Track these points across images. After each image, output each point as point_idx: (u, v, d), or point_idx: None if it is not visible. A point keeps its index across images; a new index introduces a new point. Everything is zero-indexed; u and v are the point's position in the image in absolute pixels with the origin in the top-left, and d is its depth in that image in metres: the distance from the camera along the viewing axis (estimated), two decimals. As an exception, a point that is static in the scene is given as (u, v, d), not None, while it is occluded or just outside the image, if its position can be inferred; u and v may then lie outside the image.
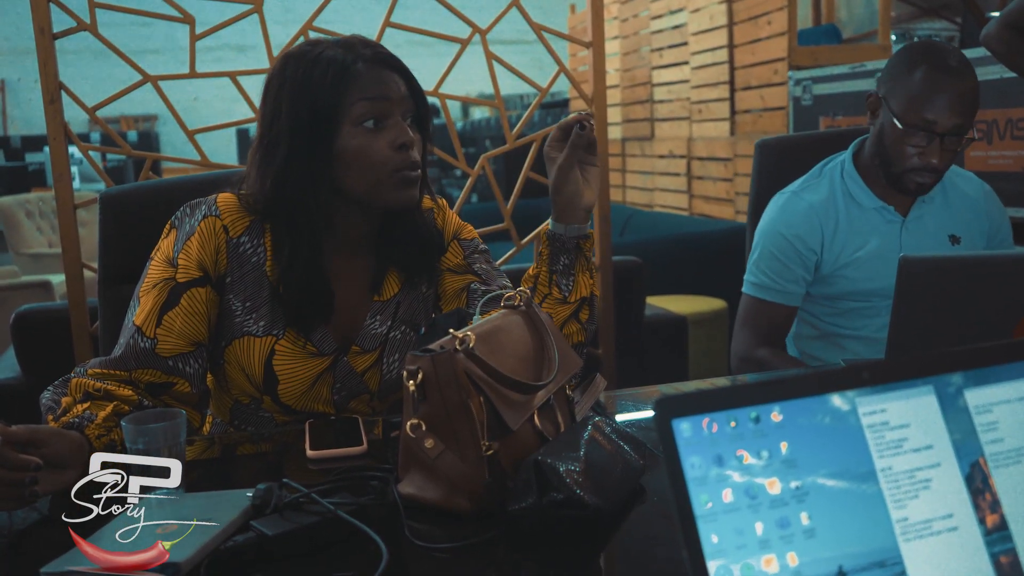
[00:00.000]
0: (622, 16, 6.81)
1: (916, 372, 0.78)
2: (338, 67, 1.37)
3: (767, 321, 2.05)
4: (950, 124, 1.88)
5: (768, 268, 2.03)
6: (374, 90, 1.38)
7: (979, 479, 0.77)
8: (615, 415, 1.48)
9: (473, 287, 1.57)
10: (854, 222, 2.02)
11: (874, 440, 0.76)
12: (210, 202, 1.44)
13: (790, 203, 2.05)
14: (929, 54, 1.92)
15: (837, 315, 2.07)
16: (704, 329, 3.87)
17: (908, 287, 1.35)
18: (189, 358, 1.40)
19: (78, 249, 2.66)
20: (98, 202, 1.83)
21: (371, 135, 1.38)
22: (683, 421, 0.72)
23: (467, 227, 1.63)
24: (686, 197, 5.93)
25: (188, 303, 1.40)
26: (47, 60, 2.57)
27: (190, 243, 1.41)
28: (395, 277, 1.53)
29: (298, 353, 1.45)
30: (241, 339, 1.44)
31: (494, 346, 1.15)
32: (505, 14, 2.89)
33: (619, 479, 1.09)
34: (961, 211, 2.08)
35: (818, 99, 4.39)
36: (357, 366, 1.50)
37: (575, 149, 1.46)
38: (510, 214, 2.99)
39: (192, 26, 2.70)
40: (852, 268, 2.01)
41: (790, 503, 0.72)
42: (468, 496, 1.07)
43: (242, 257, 1.43)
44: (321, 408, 1.50)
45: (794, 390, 0.75)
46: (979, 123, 3.32)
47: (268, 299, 1.44)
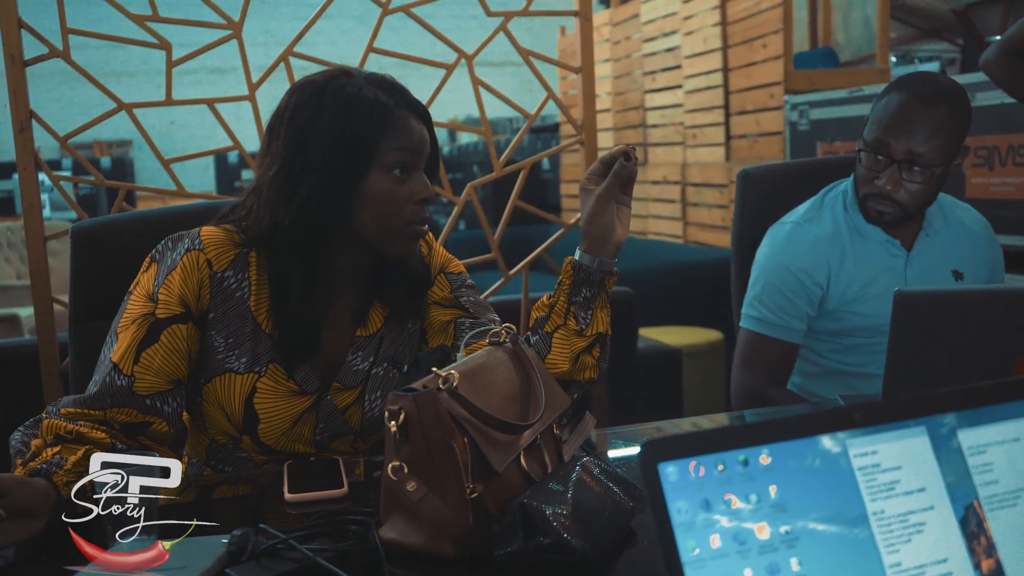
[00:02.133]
0: (614, 38, 6.80)
1: (908, 413, 0.77)
2: (382, 110, 1.38)
3: (771, 358, 2.00)
4: (901, 148, 1.85)
5: (772, 303, 1.98)
6: (408, 140, 1.39)
7: (974, 523, 0.76)
8: (606, 453, 1.46)
9: (460, 321, 1.55)
10: (860, 256, 1.98)
11: (866, 483, 0.74)
12: (193, 235, 1.41)
13: (795, 235, 2.00)
14: (908, 80, 1.91)
15: (840, 351, 2.03)
16: (699, 361, 3.84)
17: (904, 322, 1.33)
18: (168, 396, 1.38)
19: (48, 282, 2.61)
20: (69, 235, 1.78)
21: (397, 183, 1.39)
22: (669, 464, 0.71)
23: (454, 261, 1.62)
24: (680, 224, 5.93)
25: (168, 340, 1.37)
26: (17, 88, 2.53)
27: (172, 277, 1.38)
28: (379, 312, 1.51)
29: (280, 391, 1.43)
30: (222, 376, 1.42)
31: (479, 385, 1.13)
32: (492, 39, 2.88)
33: (608, 522, 1.07)
34: (964, 245, 2.05)
35: (815, 124, 4.39)
36: (339, 403, 1.48)
37: (617, 179, 1.46)
38: (498, 243, 2.96)
39: (169, 52, 2.67)
40: (858, 304, 1.97)
41: (780, 548, 0.71)
42: (452, 540, 1.04)
43: (226, 292, 1.40)
44: (302, 449, 1.48)
45: (783, 432, 0.74)
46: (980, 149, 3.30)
47: (251, 335, 1.41)
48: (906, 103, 1.85)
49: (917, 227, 2.01)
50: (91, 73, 2.68)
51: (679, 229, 5.94)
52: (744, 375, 2.01)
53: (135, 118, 2.69)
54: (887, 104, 1.88)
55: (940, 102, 1.85)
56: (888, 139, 1.85)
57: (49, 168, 2.64)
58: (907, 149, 1.84)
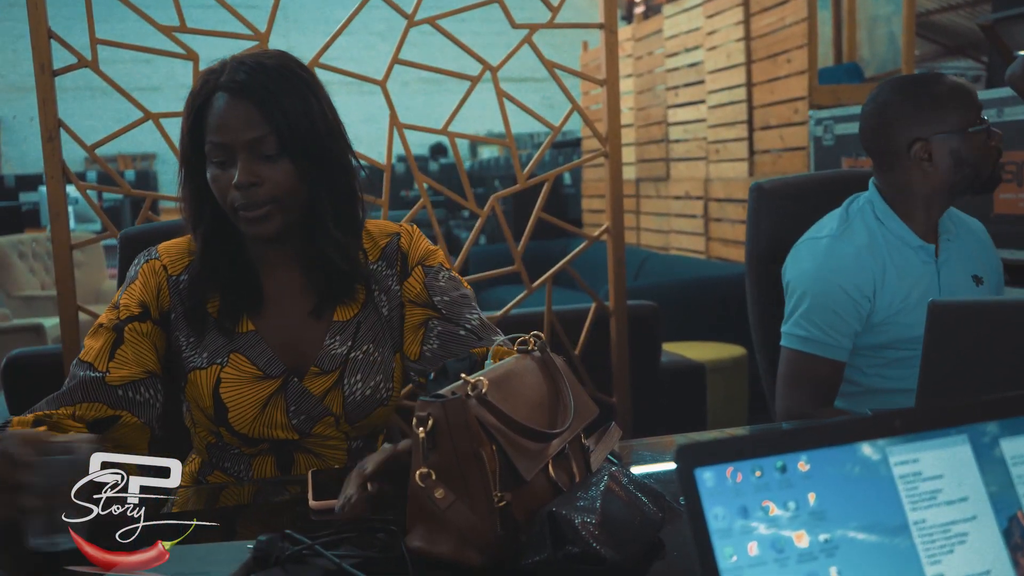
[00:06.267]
0: (636, 54, 6.79)
1: (949, 421, 0.76)
2: (194, 101, 1.44)
3: (819, 378, 1.94)
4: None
5: (821, 321, 1.93)
6: (217, 129, 1.41)
7: (1018, 534, 0.74)
8: (631, 466, 1.44)
9: (431, 324, 1.54)
10: (899, 266, 1.95)
11: (906, 491, 0.73)
12: (151, 249, 1.53)
13: (836, 248, 1.95)
14: (909, 78, 2.04)
15: (883, 366, 1.99)
16: (723, 377, 3.81)
17: (938, 333, 1.31)
18: (140, 386, 1.43)
19: (73, 291, 2.64)
20: (118, 241, 1.89)
21: (219, 171, 1.43)
22: (706, 470, 0.70)
23: (435, 253, 1.61)
24: (703, 240, 5.90)
25: (131, 335, 1.45)
26: (46, 98, 2.56)
27: (132, 286, 1.49)
28: (354, 300, 1.54)
29: (243, 378, 1.48)
30: (191, 374, 1.48)
31: (507, 392, 1.11)
32: (517, 51, 2.88)
33: (636, 532, 1.05)
34: (975, 250, 2.06)
35: (840, 139, 4.36)
36: (316, 388, 1.50)
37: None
38: (521, 256, 2.95)
39: (195, 63, 2.68)
40: (903, 314, 1.93)
41: (819, 557, 0.70)
42: (479, 549, 1.03)
43: (182, 293, 1.49)
44: (281, 434, 1.50)
45: (822, 439, 0.73)
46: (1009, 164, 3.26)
47: (208, 329, 1.49)
48: (946, 81, 1.98)
49: (937, 233, 2.01)
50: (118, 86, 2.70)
51: (702, 244, 5.92)
52: (790, 396, 1.96)
53: (161, 127, 2.70)
54: (940, 92, 1.95)
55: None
56: (978, 101, 1.95)
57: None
58: (981, 105, 1.96)
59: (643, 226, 6.85)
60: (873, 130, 2.02)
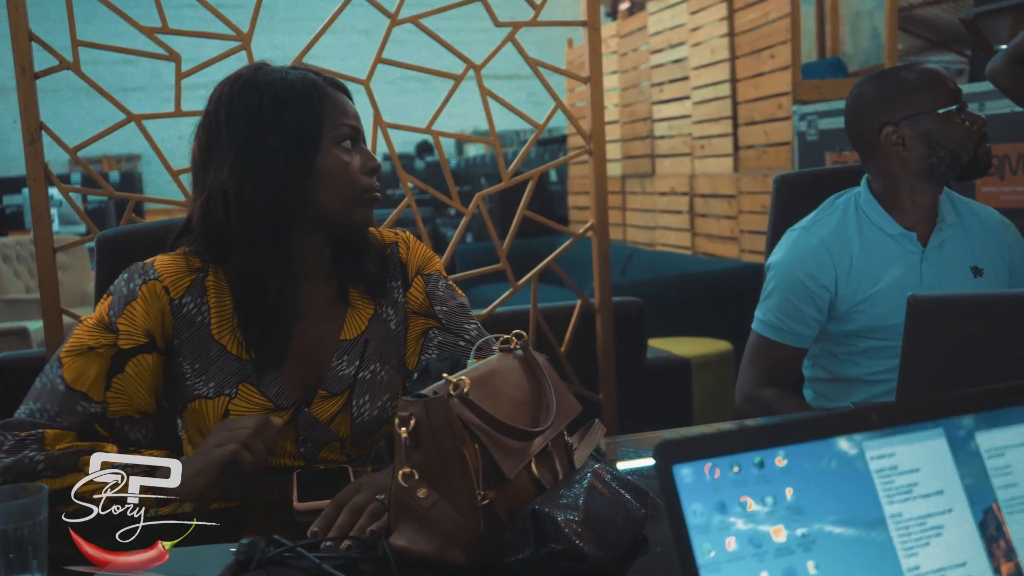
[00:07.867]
0: (621, 50, 6.80)
1: (925, 415, 0.76)
2: (317, 89, 1.42)
3: (773, 361, 2.03)
4: (954, 88, 1.99)
5: (778, 308, 2.00)
6: (348, 114, 1.44)
7: (993, 526, 0.75)
8: (616, 462, 1.45)
9: (430, 333, 1.52)
10: (871, 254, 1.99)
11: (883, 485, 0.74)
12: (147, 267, 1.40)
13: (801, 239, 2.02)
14: (884, 71, 2.08)
15: (855, 355, 2.02)
16: (709, 372, 3.82)
17: (918, 327, 1.32)
18: (130, 424, 1.37)
19: (57, 294, 2.61)
20: (95, 244, 1.81)
21: (347, 155, 1.42)
22: (684, 467, 0.70)
23: (433, 260, 1.59)
24: (689, 235, 5.92)
25: (134, 371, 1.36)
26: (28, 100, 2.54)
27: (133, 308, 1.37)
28: (361, 315, 1.50)
29: (253, 410, 1.41)
30: (194, 403, 1.41)
31: (490, 391, 1.12)
32: (500, 49, 2.88)
33: (620, 529, 1.06)
34: (982, 242, 2.04)
35: (824, 134, 4.37)
36: (322, 413, 1.46)
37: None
38: (506, 254, 2.96)
39: (178, 64, 2.67)
40: (871, 303, 1.97)
41: (796, 552, 0.70)
42: (463, 548, 1.03)
43: (187, 318, 1.40)
44: (288, 463, 1.46)
45: (799, 434, 0.73)
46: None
47: (216, 358, 1.41)
48: (916, 67, 2.02)
49: (932, 222, 2.01)
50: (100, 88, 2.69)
51: (687, 240, 5.93)
52: (744, 373, 2.06)
53: (144, 129, 2.70)
54: (907, 77, 1.99)
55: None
56: (950, 84, 1.97)
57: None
58: (956, 89, 1.97)
59: (629, 222, 6.86)
60: (851, 121, 2.07)
